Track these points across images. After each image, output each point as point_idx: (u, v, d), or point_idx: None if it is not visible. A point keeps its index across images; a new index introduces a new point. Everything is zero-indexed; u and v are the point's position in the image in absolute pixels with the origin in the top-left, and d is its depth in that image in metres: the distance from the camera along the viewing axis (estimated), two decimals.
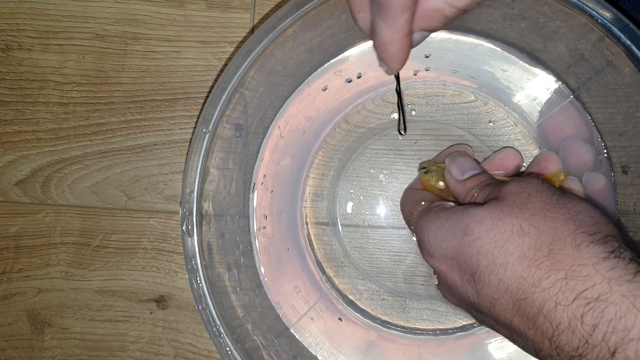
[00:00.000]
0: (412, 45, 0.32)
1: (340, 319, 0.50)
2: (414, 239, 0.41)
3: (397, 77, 0.42)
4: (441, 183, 0.43)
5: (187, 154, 0.42)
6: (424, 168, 0.45)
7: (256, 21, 0.53)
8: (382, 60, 0.33)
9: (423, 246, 0.38)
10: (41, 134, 0.55)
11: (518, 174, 0.46)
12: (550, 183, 0.35)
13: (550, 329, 0.30)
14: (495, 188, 0.37)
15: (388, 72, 0.34)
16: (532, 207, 0.33)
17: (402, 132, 0.46)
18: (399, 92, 0.44)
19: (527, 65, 0.47)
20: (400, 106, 0.45)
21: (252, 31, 0.53)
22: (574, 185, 0.44)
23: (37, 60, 0.55)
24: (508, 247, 0.32)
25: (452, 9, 0.31)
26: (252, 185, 0.49)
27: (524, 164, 0.47)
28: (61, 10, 0.55)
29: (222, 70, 0.54)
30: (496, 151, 0.47)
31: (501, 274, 0.32)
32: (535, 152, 0.49)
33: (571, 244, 0.31)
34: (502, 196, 0.35)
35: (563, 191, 0.34)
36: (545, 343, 0.30)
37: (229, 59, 0.54)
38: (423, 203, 0.42)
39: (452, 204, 0.40)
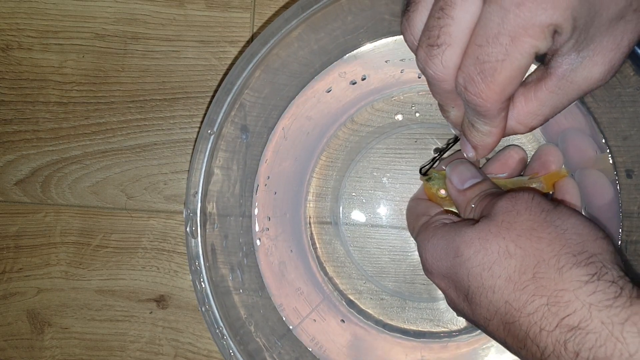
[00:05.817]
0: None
1: (342, 320, 0.50)
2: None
3: (456, 139, 0.43)
4: (442, 192, 0.44)
5: (192, 154, 0.42)
6: (426, 175, 0.45)
7: (256, 21, 0.53)
8: (474, 148, 0.36)
9: (422, 263, 0.39)
10: (41, 133, 0.55)
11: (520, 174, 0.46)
12: (541, 197, 0.35)
13: (538, 352, 0.30)
14: (491, 201, 0.37)
15: (472, 158, 0.38)
16: (520, 226, 0.33)
17: (422, 173, 0.47)
18: (443, 150, 0.47)
19: (532, 66, 0.47)
20: (439, 156, 0.46)
21: (252, 31, 0.53)
22: (570, 186, 0.44)
23: (36, 60, 0.55)
24: (495, 269, 0.32)
25: (525, 129, 0.34)
26: (255, 186, 0.49)
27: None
28: (61, 9, 0.54)
29: (223, 70, 0.54)
30: (500, 150, 0.47)
31: (490, 296, 0.32)
32: None
33: (555, 266, 0.31)
34: (493, 214, 0.35)
35: (555, 205, 0.35)
36: None
37: (229, 58, 0.54)
38: (424, 218, 0.42)
39: (451, 217, 0.40)
